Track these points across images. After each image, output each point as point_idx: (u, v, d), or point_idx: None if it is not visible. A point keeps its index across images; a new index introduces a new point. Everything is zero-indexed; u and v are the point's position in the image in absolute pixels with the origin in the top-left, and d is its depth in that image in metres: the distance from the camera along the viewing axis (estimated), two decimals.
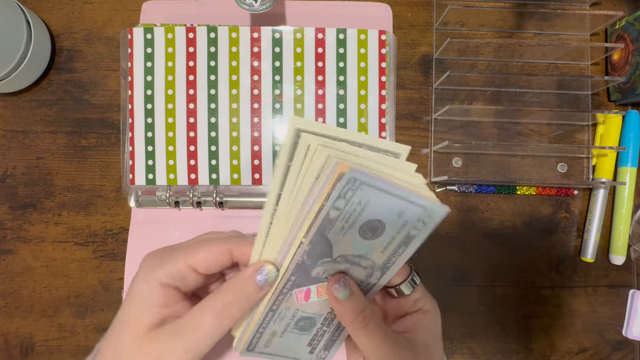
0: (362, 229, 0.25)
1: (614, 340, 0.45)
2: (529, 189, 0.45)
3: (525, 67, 0.46)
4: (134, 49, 0.42)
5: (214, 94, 0.42)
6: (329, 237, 0.25)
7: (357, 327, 0.26)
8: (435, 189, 0.45)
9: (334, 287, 0.26)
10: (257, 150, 0.42)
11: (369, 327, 0.26)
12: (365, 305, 0.26)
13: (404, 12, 0.46)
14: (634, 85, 0.42)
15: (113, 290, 0.43)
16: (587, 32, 0.47)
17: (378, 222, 0.25)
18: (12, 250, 0.44)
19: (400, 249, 0.26)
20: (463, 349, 0.44)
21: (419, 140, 0.46)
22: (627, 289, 0.45)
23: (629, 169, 0.44)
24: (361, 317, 0.26)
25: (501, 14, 0.46)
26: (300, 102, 0.42)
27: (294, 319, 0.28)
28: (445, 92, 0.46)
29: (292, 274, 0.26)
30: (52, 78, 0.45)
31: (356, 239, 0.25)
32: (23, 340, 0.43)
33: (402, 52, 0.46)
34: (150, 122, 0.42)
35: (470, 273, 0.45)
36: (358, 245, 0.26)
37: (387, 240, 0.26)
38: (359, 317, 0.26)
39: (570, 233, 0.46)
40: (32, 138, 0.44)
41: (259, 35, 0.42)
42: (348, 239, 0.25)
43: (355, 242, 0.26)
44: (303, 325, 0.29)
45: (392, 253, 0.27)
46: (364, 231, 0.25)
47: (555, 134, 0.46)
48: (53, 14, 0.45)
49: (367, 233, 0.25)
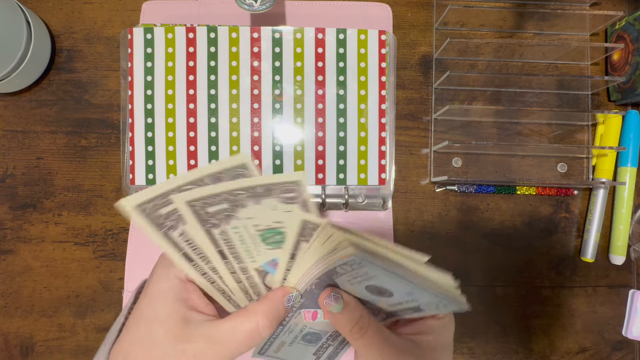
0: (369, 288, 0.25)
1: (614, 340, 0.45)
2: (529, 189, 0.45)
3: (525, 67, 0.46)
4: (134, 49, 0.42)
5: (214, 94, 0.42)
6: (336, 281, 0.26)
7: (355, 338, 0.26)
8: (435, 189, 0.45)
9: (326, 303, 0.26)
10: (257, 151, 0.42)
11: (367, 335, 0.26)
12: (362, 314, 0.26)
13: (404, 12, 0.46)
14: (634, 85, 0.42)
15: (113, 290, 0.43)
16: (587, 32, 0.47)
17: (385, 289, 0.25)
18: (12, 250, 0.44)
19: (409, 312, 0.27)
20: (463, 349, 0.44)
21: (419, 140, 0.46)
22: (627, 289, 0.45)
23: (628, 169, 0.44)
24: (357, 328, 0.26)
25: (501, 14, 0.46)
26: (300, 102, 0.42)
27: (302, 333, 0.29)
28: (445, 92, 0.46)
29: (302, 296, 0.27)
30: (52, 78, 0.45)
31: (363, 292, 0.26)
32: (23, 340, 0.43)
33: (402, 52, 0.46)
34: (150, 122, 0.42)
35: (470, 273, 0.45)
36: (365, 296, 0.26)
37: (395, 303, 0.26)
38: (355, 327, 0.26)
39: (570, 233, 0.46)
40: (32, 138, 0.44)
41: (259, 35, 0.42)
42: (355, 289, 0.26)
43: (362, 294, 0.26)
44: (310, 338, 0.30)
45: (401, 312, 0.27)
46: (370, 290, 0.25)
47: (555, 134, 0.46)
48: (53, 14, 0.45)
49: (373, 292, 0.25)
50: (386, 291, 0.25)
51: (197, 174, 0.24)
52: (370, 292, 0.25)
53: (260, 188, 0.24)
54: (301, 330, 0.29)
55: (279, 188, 0.24)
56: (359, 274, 0.24)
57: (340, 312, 0.26)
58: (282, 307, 0.27)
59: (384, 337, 0.26)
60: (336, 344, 0.30)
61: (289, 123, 0.42)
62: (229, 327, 0.26)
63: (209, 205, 0.24)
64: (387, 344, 0.26)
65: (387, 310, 0.27)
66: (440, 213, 0.45)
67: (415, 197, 0.45)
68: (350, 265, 0.23)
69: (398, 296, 0.25)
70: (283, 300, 0.27)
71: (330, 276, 0.25)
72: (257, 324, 0.26)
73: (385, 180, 0.43)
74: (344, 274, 0.24)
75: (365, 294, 0.26)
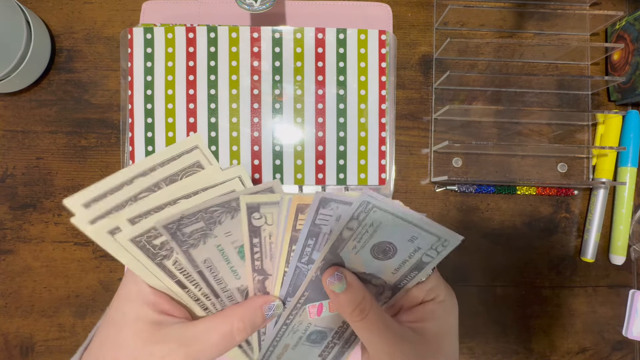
0: (373, 249, 0.25)
1: (614, 340, 0.45)
2: (529, 189, 0.45)
3: (525, 67, 0.46)
4: (133, 48, 0.42)
5: (214, 94, 0.42)
6: (342, 255, 0.25)
7: (355, 320, 0.25)
8: (435, 189, 0.45)
9: (329, 281, 0.26)
10: (257, 150, 0.42)
11: (368, 318, 0.25)
12: (364, 296, 0.26)
13: (404, 12, 0.46)
14: (634, 85, 0.42)
15: (113, 291, 0.43)
16: (587, 32, 0.47)
17: (390, 244, 0.25)
18: (12, 250, 0.44)
19: (413, 273, 0.26)
20: (463, 349, 0.44)
21: (419, 140, 0.46)
22: (627, 289, 0.45)
23: (629, 169, 0.44)
24: (359, 310, 0.25)
25: (501, 14, 0.46)
26: (300, 102, 0.42)
27: (306, 333, 0.29)
28: (445, 92, 0.46)
29: (306, 289, 0.27)
30: (52, 78, 0.45)
31: (368, 259, 0.26)
32: (23, 340, 0.43)
33: (402, 52, 0.46)
34: (150, 122, 0.42)
35: (470, 273, 0.45)
36: (370, 264, 0.26)
37: (399, 263, 0.26)
38: (357, 309, 0.25)
39: (570, 233, 0.46)
40: (32, 138, 0.44)
41: (259, 35, 0.42)
42: (360, 258, 0.26)
43: (367, 261, 0.26)
44: (315, 338, 0.29)
45: (404, 276, 0.27)
46: (375, 252, 0.25)
47: (555, 134, 0.46)
48: (53, 14, 0.45)
49: (378, 254, 0.25)
50: (390, 249, 0.25)
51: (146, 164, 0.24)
52: (375, 255, 0.25)
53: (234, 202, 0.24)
54: (305, 330, 0.29)
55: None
56: (365, 227, 0.24)
57: (343, 291, 0.25)
58: (260, 315, 0.26)
59: (386, 323, 0.26)
60: (342, 343, 0.30)
61: (289, 123, 0.42)
62: (202, 329, 0.25)
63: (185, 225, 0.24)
64: (389, 330, 0.25)
65: (391, 282, 0.27)
66: (440, 213, 0.45)
67: (415, 197, 0.45)
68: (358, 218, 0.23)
69: (402, 251, 0.25)
70: (262, 307, 0.27)
71: (335, 250, 0.25)
72: (232, 327, 0.26)
73: (385, 180, 0.43)
74: (349, 238, 0.24)
75: (370, 261, 0.26)
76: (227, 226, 0.25)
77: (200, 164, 0.26)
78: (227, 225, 0.25)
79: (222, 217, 0.25)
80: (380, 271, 0.26)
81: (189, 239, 0.25)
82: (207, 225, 0.25)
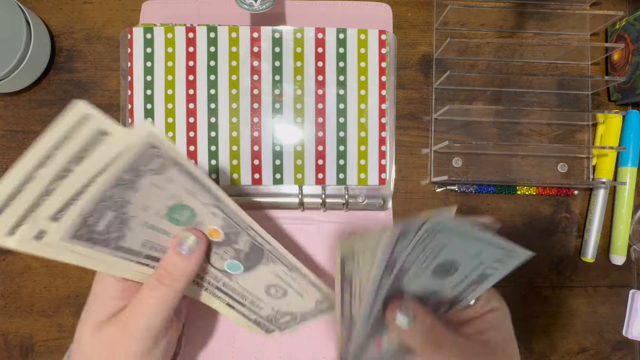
0: (435, 270, 0.24)
1: (614, 340, 0.45)
2: (529, 189, 0.45)
3: (526, 67, 0.46)
4: (133, 48, 0.42)
5: (214, 94, 0.42)
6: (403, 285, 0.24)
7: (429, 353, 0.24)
8: (435, 189, 0.45)
9: (397, 318, 0.24)
10: (257, 150, 0.42)
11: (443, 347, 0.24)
12: (433, 324, 0.24)
13: (404, 12, 0.46)
14: (634, 85, 0.42)
15: None
16: (587, 32, 0.46)
17: (453, 263, 0.24)
18: (12, 250, 0.43)
19: (473, 287, 0.26)
20: None
21: (419, 140, 0.45)
22: (627, 289, 0.45)
23: (629, 169, 0.44)
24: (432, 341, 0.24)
25: (501, 14, 0.46)
26: (300, 102, 0.42)
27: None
28: (445, 92, 0.46)
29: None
30: (52, 78, 0.45)
31: (429, 280, 0.25)
32: (23, 340, 0.43)
33: (402, 52, 0.46)
34: (150, 122, 0.42)
35: None
36: (430, 285, 0.25)
37: (460, 278, 0.25)
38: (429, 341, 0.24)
39: (570, 233, 0.46)
40: (32, 138, 0.44)
41: (259, 35, 0.42)
42: (421, 281, 0.25)
43: (428, 283, 0.25)
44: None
45: (464, 290, 0.26)
46: (437, 272, 0.24)
47: (555, 134, 0.46)
48: (53, 14, 0.45)
49: (441, 273, 0.25)
50: (453, 265, 0.24)
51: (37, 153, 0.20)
52: (437, 275, 0.24)
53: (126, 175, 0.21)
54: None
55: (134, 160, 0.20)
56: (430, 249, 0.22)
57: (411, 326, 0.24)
58: (179, 258, 0.26)
59: (459, 346, 0.24)
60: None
61: (289, 123, 0.42)
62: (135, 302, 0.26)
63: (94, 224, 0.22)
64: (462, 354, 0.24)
65: (450, 296, 0.26)
66: None
67: (415, 197, 0.45)
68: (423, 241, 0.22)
69: (464, 267, 0.24)
70: (175, 249, 0.26)
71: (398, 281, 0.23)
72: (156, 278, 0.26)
73: (385, 180, 0.43)
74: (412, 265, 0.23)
75: (431, 281, 0.25)
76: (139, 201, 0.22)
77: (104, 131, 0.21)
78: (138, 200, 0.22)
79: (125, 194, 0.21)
80: (440, 289, 0.26)
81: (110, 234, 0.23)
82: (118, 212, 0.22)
